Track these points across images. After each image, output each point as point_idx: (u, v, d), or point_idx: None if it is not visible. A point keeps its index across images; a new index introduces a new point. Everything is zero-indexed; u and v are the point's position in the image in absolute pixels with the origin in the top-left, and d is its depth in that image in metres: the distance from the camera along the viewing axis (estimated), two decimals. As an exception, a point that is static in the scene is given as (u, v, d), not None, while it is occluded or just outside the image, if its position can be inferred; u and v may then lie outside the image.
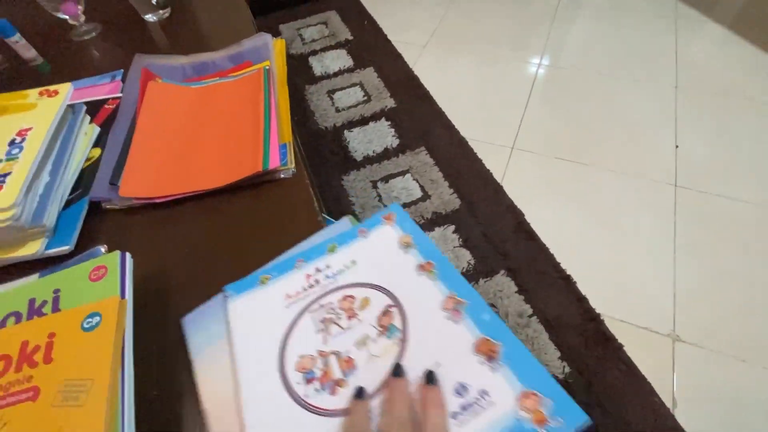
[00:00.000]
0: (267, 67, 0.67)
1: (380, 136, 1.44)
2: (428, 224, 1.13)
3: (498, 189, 1.19)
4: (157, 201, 0.52)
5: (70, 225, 0.50)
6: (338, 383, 0.34)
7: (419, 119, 1.39)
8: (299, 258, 0.43)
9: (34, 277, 0.44)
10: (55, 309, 0.39)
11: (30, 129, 0.51)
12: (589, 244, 1.08)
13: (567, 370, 0.88)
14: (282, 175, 0.55)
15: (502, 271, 1.00)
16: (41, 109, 0.54)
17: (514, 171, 1.25)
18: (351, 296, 0.38)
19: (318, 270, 0.42)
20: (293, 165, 0.57)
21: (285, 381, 0.35)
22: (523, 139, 1.36)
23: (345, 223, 0.47)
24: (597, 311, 0.95)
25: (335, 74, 1.58)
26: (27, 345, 0.36)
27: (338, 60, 1.64)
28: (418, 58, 1.63)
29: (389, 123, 1.53)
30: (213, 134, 0.58)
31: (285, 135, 0.60)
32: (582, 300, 0.95)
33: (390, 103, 1.46)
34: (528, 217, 1.11)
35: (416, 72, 1.56)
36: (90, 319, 0.38)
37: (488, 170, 1.23)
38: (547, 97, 1.50)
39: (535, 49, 1.68)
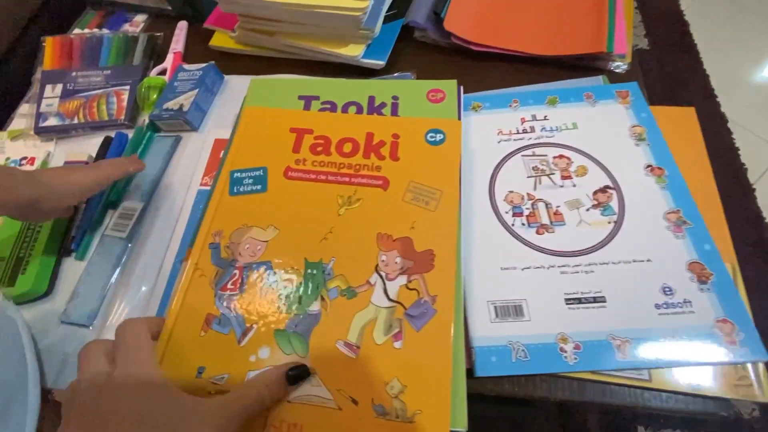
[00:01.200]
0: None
1: (616, 78, 1.21)
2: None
3: (747, 191, 0.95)
4: (473, 48, 0.47)
5: (385, 42, 0.48)
6: (545, 227, 0.34)
7: (672, 73, 1.13)
8: (515, 98, 0.42)
9: (596, 79, 0.44)
10: (394, 113, 0.39)
11: (383, -74, 0.48)
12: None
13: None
14: (614, 67, 0.46)
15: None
16: None
17: (775, 178, 0.99)
18: (568, 158, 0.38)
19: (534, 117, 0.40)
20: (630, 59, 0.47)
21: (494, 207, 0.36)
22: (802, 145, 1.05)
23: (597, 79, 0.45)
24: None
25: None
26: (372, 137, 0.36)
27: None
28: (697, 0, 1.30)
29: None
30: (545, 11, 0.50)
31: (629, 22, 0.49)
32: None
33: (642, 43, 1.21)
34: (774, 237, 0.88)
35: (688, 16, 1.25)
36: (433, 134, 0.36)
37: (743, 164, 0.99)
38: None
39: None
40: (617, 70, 0.46)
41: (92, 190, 0.36)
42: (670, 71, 1.14)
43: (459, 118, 0.37)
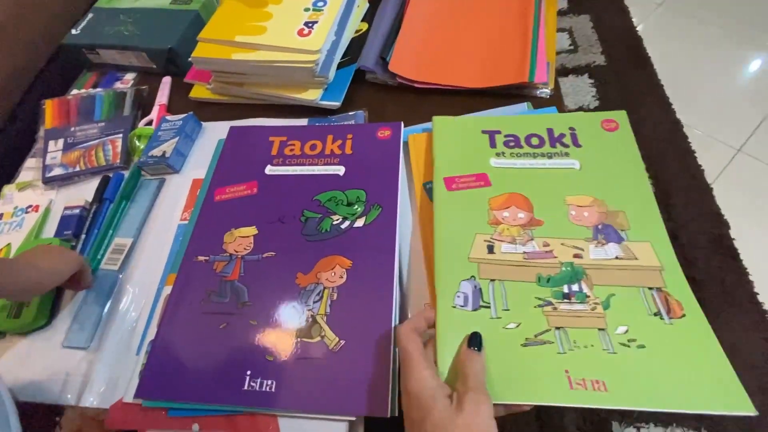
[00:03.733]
0: (540, -21, 0.62)
1: (577, 92, 1.30)
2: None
3: (706, 191, 1.00)
4: (416, 85, 0.54)
5: (340, 85, 0.55)
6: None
7: (629, 86, 1.20)
8: None
9: (521, 106, 0.50)
10: (575, 143, 0.43)
11: (332, -13, 0.56)
12: (800, 291, 0.88)
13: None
14: (539, 93, 0.53)
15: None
16: (340, -28, 0.58)
17: (732, 176, 1.05)
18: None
19: None
20: (552, 85, 0.54)
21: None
22: (757, 144, 1.11)
23: (522, 106, 0.50)
24: (784, 365, 0.79)
25: (542, 15, 1.43)
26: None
27: None
28: (648, 16, 1.39)
29: (592, 81, 1.35)
30: (477, 34, 0.57)
31: (550, 53, 0.56)
32: (772, 344, 0.80)
33: (599, 59, 1.28)
34: (734, 233, 0.93)
35: (641, 32, 1.33)
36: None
37: (700, 166, 1.04)
38: (807, 102, 1.18)
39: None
40: (542, 96, 0.53)
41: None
42: (627, 84, 1.22)
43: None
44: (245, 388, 0.33)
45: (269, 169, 0.46)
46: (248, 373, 0.33)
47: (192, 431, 0.34)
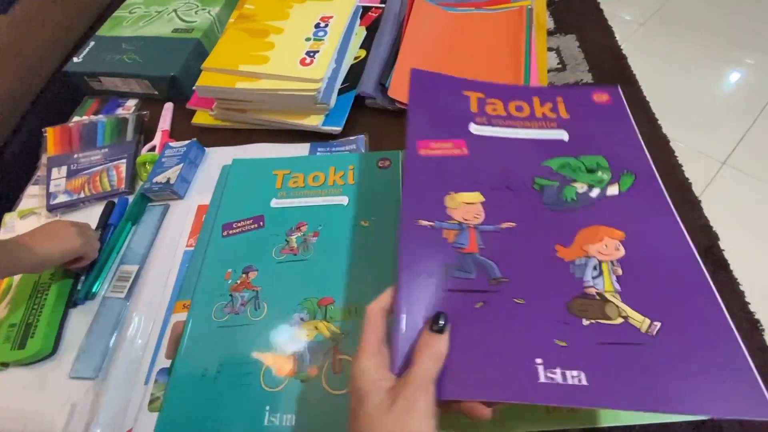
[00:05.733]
0: (529, 7, 0.65)
1: (567, 110, 1.32)
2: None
3: (694, 203, 1.03)
4: (415, 110, 0.56)
5: (341, 111, 0.57)
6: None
7: (616, 103, 1.25)
8: None
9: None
10: None
11: (331, 17, 0.58)
12: (789, 299, 0.90)
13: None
14: (533, 117, 0.55)
15: (670, 291, 0.89)
16: (338, 2, 0.60)
17: (719, 188, 1.08)
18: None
19: None
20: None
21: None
22: (741, 157, 1.15)
23: None
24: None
25: (530, 34, 1.48)
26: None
27: (536, 19, 1.53)
28: (631, 35, 1.45)
29: None
30: (472, 58, 0.59)
31: (542, 75, 0.59)
32: (764, 351, 0.82)
33: (586, 77, 1.32)
34: (723, 244, 0.96)
35: (625, 51, 1.38)
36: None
37: (687, 179, 1.08)
38: (786, 116, 1.23)
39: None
40: (535, 119, 0.55)
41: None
42: (614, 100, 1.26)
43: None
44: (542, 380, 0.26)
45: (474, 128, 0.40)
46: (538, 361, 0.27)
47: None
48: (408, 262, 0.31)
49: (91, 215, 0.53)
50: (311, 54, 0.53)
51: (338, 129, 0.55)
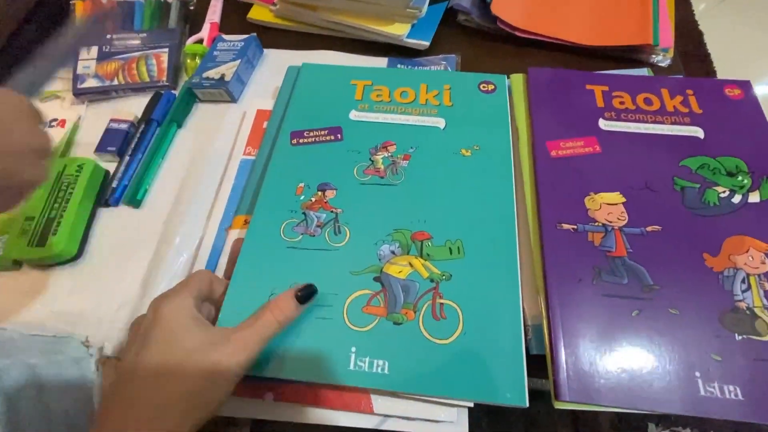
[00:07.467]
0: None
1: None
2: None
3: None
4: (518, 34, 0.47)
5: (430, 23, 0.48)
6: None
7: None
8: None
9: (641, 72, 0.45)
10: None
11: None
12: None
13: None
14: (657, 59, 0.46)
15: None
16: None
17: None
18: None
19: None
20: (672, 54, 0.47)
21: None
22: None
23: (642, 71, 0.45)
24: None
25: None
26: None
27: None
28: (711, 9, 1.32)
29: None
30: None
31: (671, 16, 0.49)
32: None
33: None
34: None
35: (702, 26, 1.27)
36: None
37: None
38: None
39: None
40: (660, 64, 0.46)
41: None
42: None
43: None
44: (702, 393, 0.27)
45: (604, 124, 0.38)
46: (697, 374, 0.27)
47: (264, 400, 0.28)
48: (555, 266, 0.31)
49: (123, 107, 0.45)
50: (411, -55, 0.43)
51: (425, 44, 0.46)
